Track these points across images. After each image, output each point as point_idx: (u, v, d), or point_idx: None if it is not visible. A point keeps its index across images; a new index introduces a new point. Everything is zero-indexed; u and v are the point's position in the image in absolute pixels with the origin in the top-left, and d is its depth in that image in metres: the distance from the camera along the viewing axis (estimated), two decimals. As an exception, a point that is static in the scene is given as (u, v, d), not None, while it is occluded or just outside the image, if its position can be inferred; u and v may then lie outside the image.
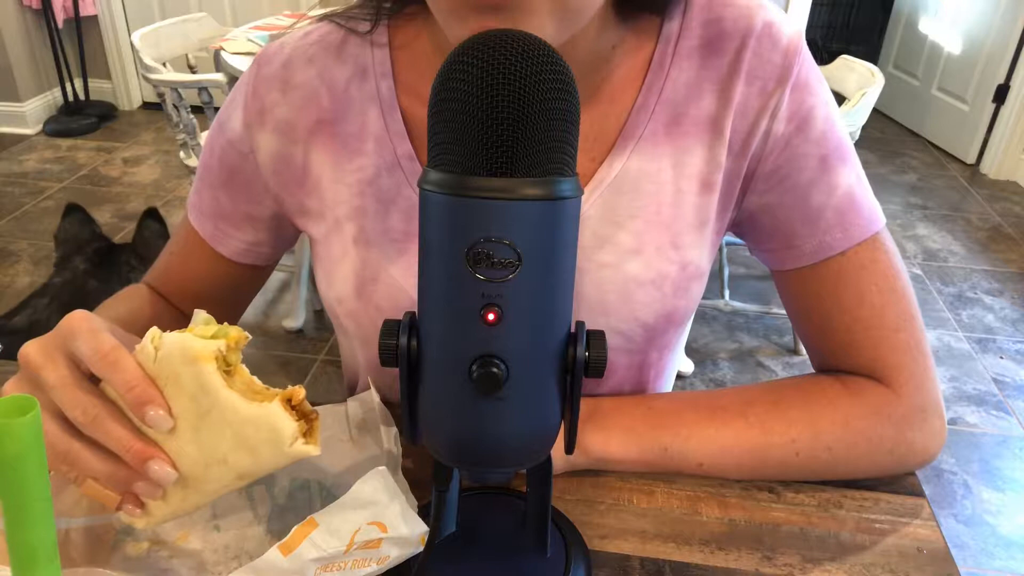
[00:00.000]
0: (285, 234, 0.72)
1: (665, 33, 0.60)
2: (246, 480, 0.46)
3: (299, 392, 0.45)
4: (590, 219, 0.61)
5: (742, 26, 0.59)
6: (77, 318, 0.46)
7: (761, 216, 0.63)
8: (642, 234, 0.61)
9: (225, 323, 0.46)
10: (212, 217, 0.70)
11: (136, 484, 0.45)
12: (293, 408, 0.44)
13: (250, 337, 0.46)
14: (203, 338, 0.44)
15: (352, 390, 0.78)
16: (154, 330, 0.45)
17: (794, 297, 0.66)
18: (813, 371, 0.68)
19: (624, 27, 0.60)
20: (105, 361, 0.44)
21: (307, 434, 0.45)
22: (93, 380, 0.46)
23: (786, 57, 0.58)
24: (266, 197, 0.68)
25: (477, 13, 0.46)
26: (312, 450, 0.44)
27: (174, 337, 0.44)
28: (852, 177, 0.61)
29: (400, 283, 0.63)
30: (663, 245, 0.61)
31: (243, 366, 0.45)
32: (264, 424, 0.43)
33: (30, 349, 0.46)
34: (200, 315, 0.46)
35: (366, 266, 0.63)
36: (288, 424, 0.43)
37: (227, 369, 0.44)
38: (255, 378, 0.45)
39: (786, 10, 3.11)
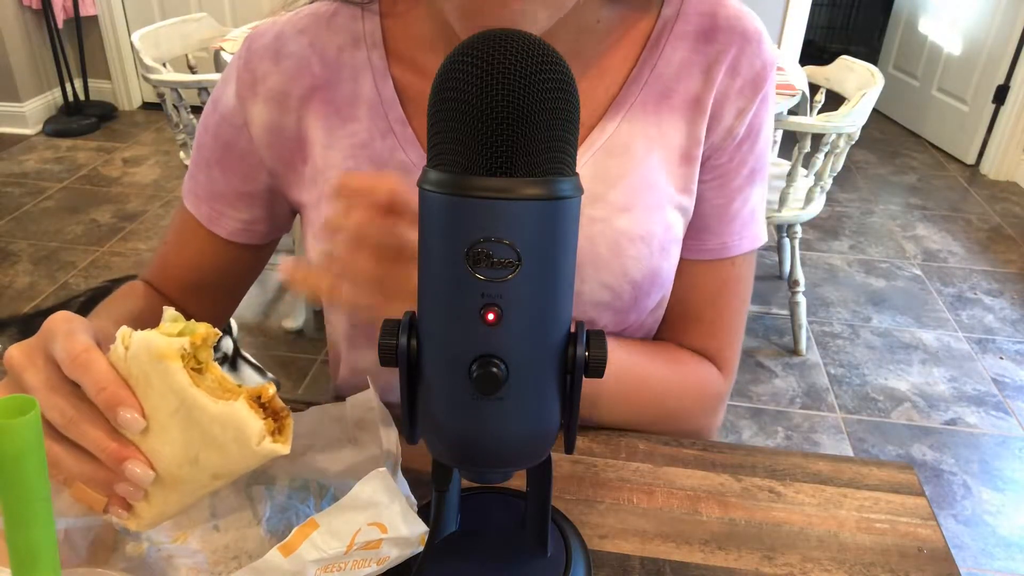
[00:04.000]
0: (280, 210, 0.72)
1: (663, 16, 0.65)
2: (222, 480, 0.45)
3: (268, 389, 0.44)
4: (582, 178, 0.63)
5: (736, 25, 0.64)
6: (58, 319, 0.46)
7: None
8: (632, 193, 0.64)
9: (192, 320, 0.45)
10: (207, 198, 0.71)
11: (117, 486, 0.45)
12: (263, 406, 0.44)
13: (220, 334, 0.45)
14: (169, 335, 0.43)
15: (336, 366, 0.79)
16: (124, 329, 0.44)
17: (678, 281, 0.71)
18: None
19: (609, 3, 0.64)
20: (76, 363, 0.44)
21: (277, 432, 0.44)
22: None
23: (764, 68, 0.65)
24: (260, 171, 0.69)
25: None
26: (281, 449, 0.43)
27: (141, 336, 0.43)
28: (761, 196, 0.70)
29: None
30: (650, 205, 0.65)
31: (215, 364, 0.45)
32: (230, 423, 0.42)
33: (13, 352, 0.46)
34: (168, 312, 0.46)
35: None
36: (254, 422, 0.42)
37: (197, 367, 0.44)
38: (227, 376, 0.45)
39: (786, 10, 3.11)
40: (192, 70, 2.40)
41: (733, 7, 0.65)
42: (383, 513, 0.44)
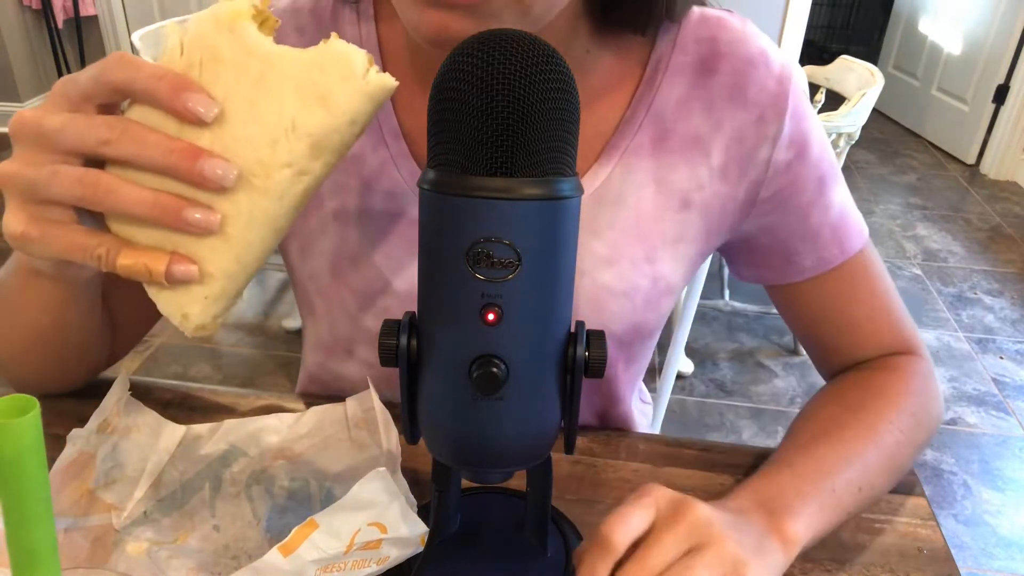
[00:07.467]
0: None
1: (658, 48, 0.61)
2: (320, 158, 0.40)
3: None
4: None
5: (738, 50, 0.60)
6: (57, 84, 0.41)
7: (759, 237, 0.65)
8: (618, 246, 0.61)
9: None
10: None
11: (185, 212, 0.39)
12: None
13: None
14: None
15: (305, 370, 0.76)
16: (171, 24, 0.41)
17: (802, 306, 0.68)
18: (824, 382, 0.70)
19: (599, 37, 0.60)
20: (119, 65, 0.38)
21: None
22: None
23: (780, 84, 0.60)
24: None
25: (434, 7, 0.46)
26: (389, 79, 0.39)
27: (200, 15, 0.40)
28: (843, 194, 0.66)
29: (378, 265, 0.62)
30: (637, 258, 0.61)
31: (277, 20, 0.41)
32: (330, 61, 0.39)
33: (24, 112, 0.40)
34: None
35: (345, 244, 0.63)
36: (357, 52, 0.39)
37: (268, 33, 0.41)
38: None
39: (786, 10, 3.10)
40: (192, 70, 2.40)
41: (735, 29, 0.60)
42: (383, 513, 0.44)
